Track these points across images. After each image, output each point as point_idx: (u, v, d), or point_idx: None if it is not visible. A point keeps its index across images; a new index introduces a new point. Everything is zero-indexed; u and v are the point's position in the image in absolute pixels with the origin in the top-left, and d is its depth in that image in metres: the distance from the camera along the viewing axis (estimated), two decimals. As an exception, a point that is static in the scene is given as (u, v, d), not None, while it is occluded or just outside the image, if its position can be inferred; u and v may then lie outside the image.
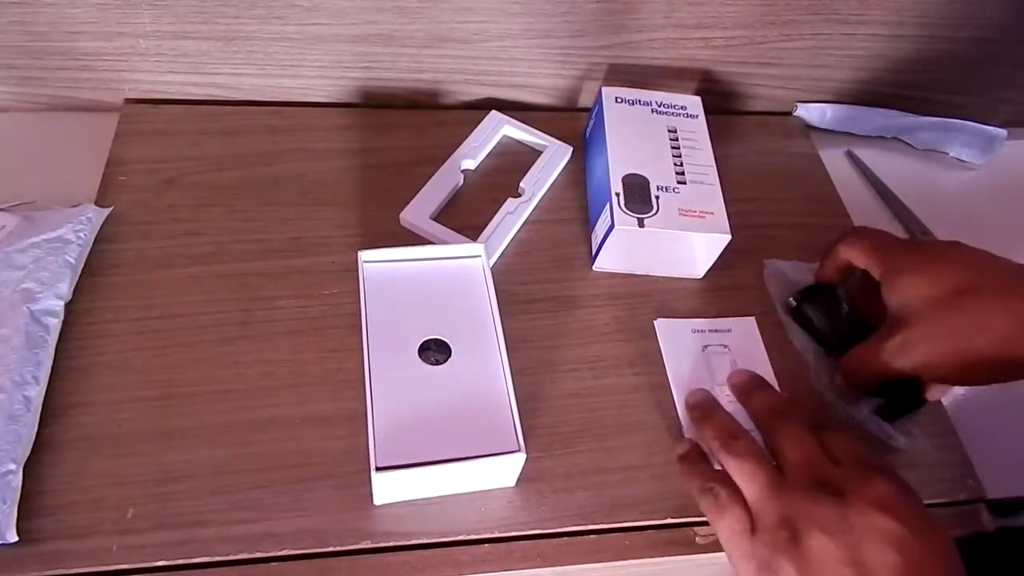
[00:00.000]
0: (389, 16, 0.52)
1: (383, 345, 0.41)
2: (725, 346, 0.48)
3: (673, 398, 0.45)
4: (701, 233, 0.47)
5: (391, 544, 0.38)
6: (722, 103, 0.63)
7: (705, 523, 0.41)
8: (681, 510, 0.41)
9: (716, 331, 0.48)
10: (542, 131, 0.57)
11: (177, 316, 0.44)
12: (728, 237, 0.48)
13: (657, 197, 0.49)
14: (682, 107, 0.55)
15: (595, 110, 0.56)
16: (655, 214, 0.48)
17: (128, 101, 0.55)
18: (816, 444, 0.37)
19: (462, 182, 0.53)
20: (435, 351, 0.41)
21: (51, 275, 0.43)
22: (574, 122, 0.59)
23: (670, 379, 0.46)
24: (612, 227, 0.47)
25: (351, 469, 0.40)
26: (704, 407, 0.42)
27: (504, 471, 0.39)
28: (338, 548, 0.38)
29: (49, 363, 0.40)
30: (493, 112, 0.57)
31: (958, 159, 0.66)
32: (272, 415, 0.41)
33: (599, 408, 0.44)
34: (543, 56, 0.57)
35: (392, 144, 0.55)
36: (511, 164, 0.55)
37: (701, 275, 0.51)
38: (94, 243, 0.46)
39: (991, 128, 0.64)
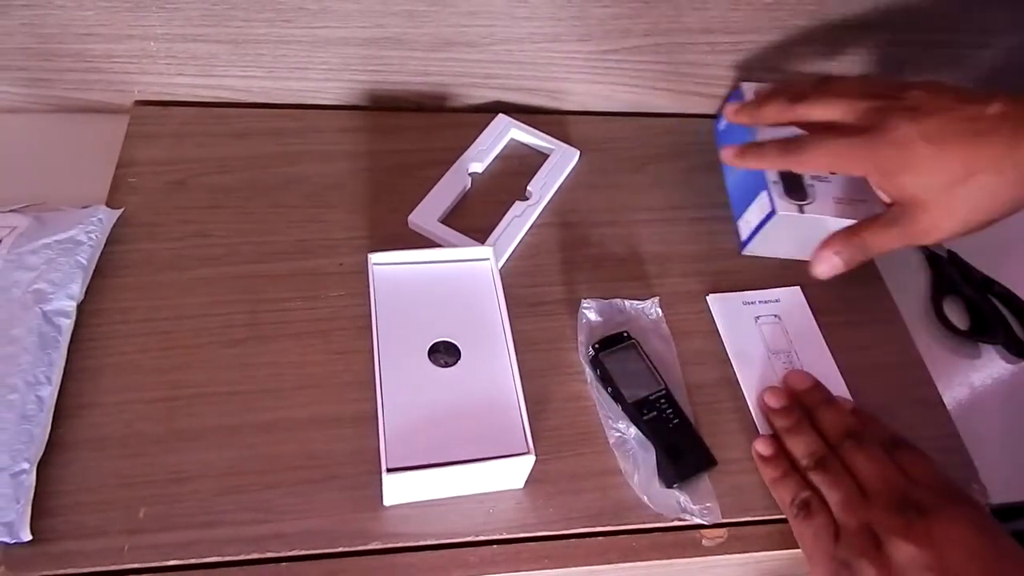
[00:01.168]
0: (397, 20, 0.52)
1: (393, 347, 0.41)
2: (776, 316, 0.49)
3: (735, 372, 0.47)
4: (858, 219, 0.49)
5: (399, 545, 0.39)
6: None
7: (711, 526, 0.41)
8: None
9: (765, 302, 0.50)
10: (548, 134, 0.57)
11: (185, 317, 0.45)
12: None
13: (811, 186, 0.51)
14: None
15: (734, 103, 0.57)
16: (812, 202, 0.50)
17: (138, 103, 0.55)
18: (892, 464, 0.39)
19: (469, 185, 0.53)
20: (444, 353, 0.41)
21: (63, 276, 0.43)
22: (579, 125, 0.59)
23: (729, 352, 0.48)
24: (772, 213, 0.49)
25: (358, 470, 0.40)
26: (792, 419, 0.44)
27: (513, 473, 0.39)
28: (347, 549, 0.38)
29: (61, 363, 0.41)
30: (500, 115, 0.57)
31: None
32: (279, 416, 0.42)
33: (605, 411, 0.44)
34: (549, 60, 0.58)
35: (399, 147, 0.56)
36: (518, 167, 0.56)
37: None
38: (104, 244, 0.46)
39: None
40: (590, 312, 0.48)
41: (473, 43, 0.55)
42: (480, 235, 0.50)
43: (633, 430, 0.43)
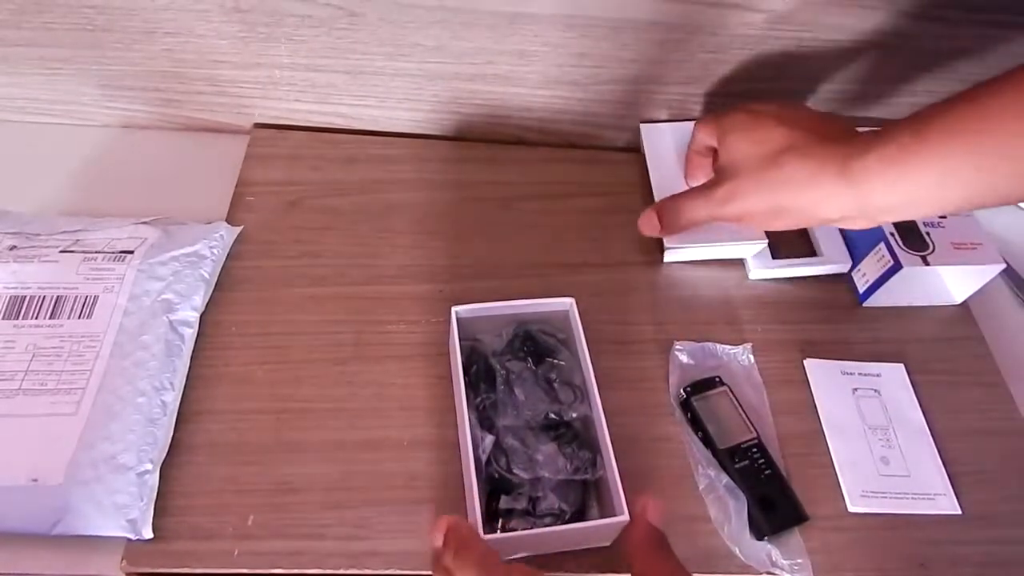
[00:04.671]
0: (509, 58, 0.54)
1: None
2: (875, 390, 0.48)
3: (827, 441, 0.46)
4: (983, 265, 0.49)
5: (491, 574, 0.39)
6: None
7: (802, 583, 0.40)
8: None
9: (865, 374, 0.49)
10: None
11: (296, 333, 0.47)
12: (1002, 265, 0.49)
13: (927, 233, 0.50)
14: None
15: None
16: (933, 250, 0.49)
17: (257, 126, 0.58)
18: None
19: None
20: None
21: (187, 287, 0.46)
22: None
23: (822, 420, 0.47)
24: (896, 267, 0.49)
25: (456, 494, 0.41)
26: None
27: (605, 534, 0.39)
28: (440, 572, 0.39)
29: (184, 371, 0.43)
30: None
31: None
32: (382, 436, 0.43)
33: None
34: (649, 100, 0.58)
35: (500, 178, 0.57)
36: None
37: (959, 302, 0.53)
38: (224, 259, 0.49)
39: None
40: (682, 355, 0.48)
41: (578, 82, 0.56)
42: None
43: (724, 477, 0.43)
